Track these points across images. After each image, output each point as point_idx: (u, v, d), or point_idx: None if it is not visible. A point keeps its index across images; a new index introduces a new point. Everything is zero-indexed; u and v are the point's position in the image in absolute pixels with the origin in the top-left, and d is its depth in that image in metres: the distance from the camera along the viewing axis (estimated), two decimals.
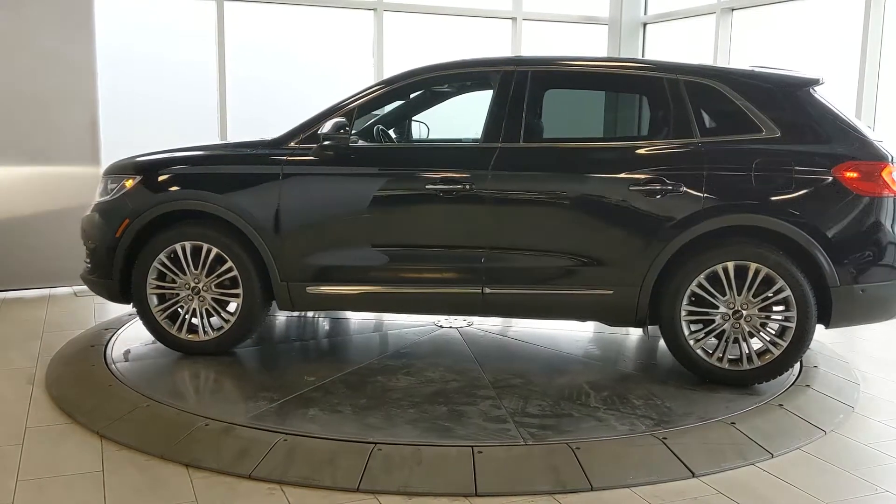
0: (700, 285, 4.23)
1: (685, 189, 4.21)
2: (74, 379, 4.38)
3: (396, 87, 4.72)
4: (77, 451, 3.62)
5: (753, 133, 4.28)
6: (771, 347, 4.21)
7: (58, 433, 3.79)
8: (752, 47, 7.94)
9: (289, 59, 8.39)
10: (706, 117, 4.38)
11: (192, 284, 4.64)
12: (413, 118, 5.35)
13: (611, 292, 4.33)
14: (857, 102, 6.67)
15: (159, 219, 4.62)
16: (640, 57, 4.47)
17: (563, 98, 4.97)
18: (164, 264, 4.63)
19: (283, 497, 3.20)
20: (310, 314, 5.78)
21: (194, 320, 4.68)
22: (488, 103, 4.55)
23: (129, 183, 4.71)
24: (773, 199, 4.17)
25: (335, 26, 8.44)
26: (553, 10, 9.17)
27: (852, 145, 4.22)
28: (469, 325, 5.41)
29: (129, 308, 5.40)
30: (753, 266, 4.16)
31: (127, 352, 4.82)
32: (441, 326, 5.41)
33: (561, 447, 3.51)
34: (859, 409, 4.22)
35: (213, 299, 4.66)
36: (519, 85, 4.50)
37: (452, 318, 5.51)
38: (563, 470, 3.37)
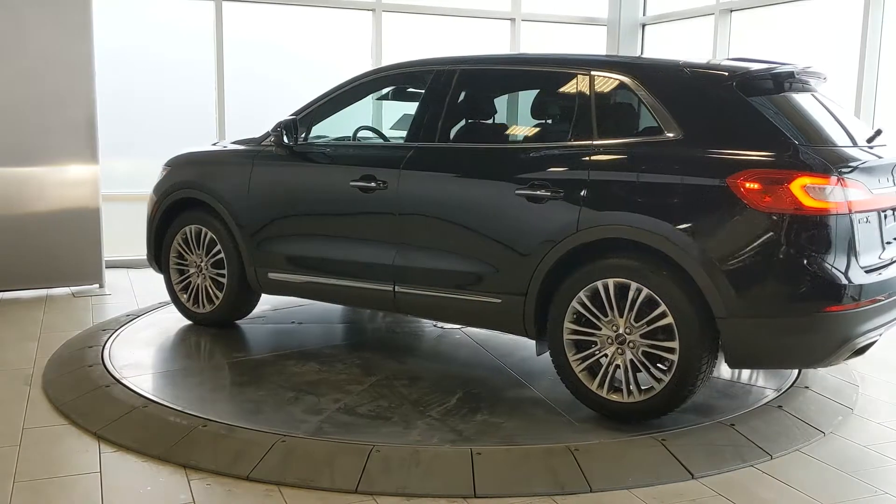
0: (582, 302, 3.81)
1: (566, 195, 3.83)
2: (72, 380, 4.37)
3: (351, 88, 4.88)
4: (74, 452, 3.61)
5: (655, 135, 3.79)
6: (653, 381, 3.69)
7: (55, 434, 3.78)
8: (751, 47, 7.94)
9: (288, 59, 8.39)
10: (609, 117, 4.00)
11: (198, 263, 5.25)
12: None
13: (499, 301, 4.07)
14: (857, 102, 6.67)
15: (181, 204, 5.28)
16: (565, 53, 4.16)
17: (495, 97, 4.84)
18: (179, 244, 5.32)
19: (281, 498, 3.19)
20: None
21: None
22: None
23: (164, 173, 5.50)
24: (656, 210, 3.63)
25: (334, 26, 8.44)
26: (552, 10, 9.17)
27: (767, 151, 3.55)
28: (461, 328, 5.39)
29: (125, 309, 5.85)
30: (634, 285, 3.66)
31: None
32: (435, 326, 5.44)
33: (560, 449, 3.51)
34: (858, 410, 4.21)
35: (211, 278, 5.22)
36: (442, 85, 4.46)
37: None
38: (562, 471, 3.36)
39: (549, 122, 4.45)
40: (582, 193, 3.80)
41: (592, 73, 4.02)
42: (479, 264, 4.14)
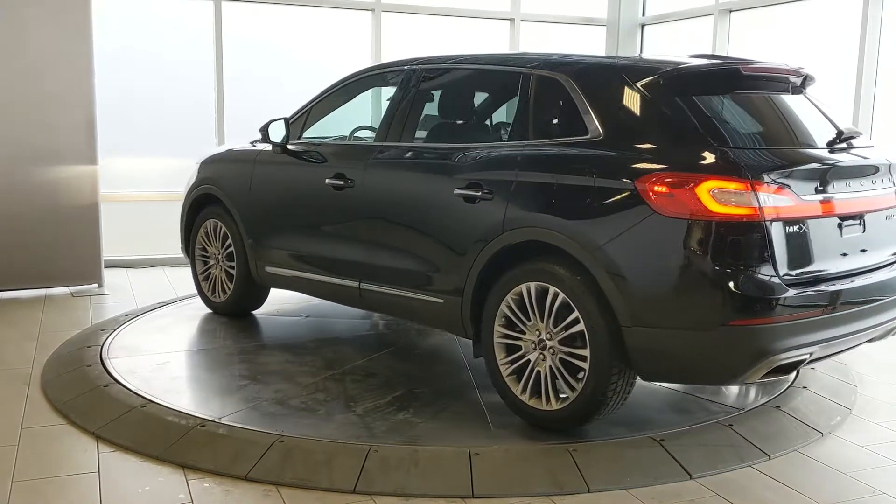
0: (509, 306, 3.74)
1: (496, 196, 3.79)
2: (70, 380, 4.37)
3: (340, 89, 5.01)
4: (73, 452, 3.61)
5: (580, 135, 3.66)
6: (567, 389, 3.60)
7: (53, 434, 3.78)
8: (751, 48, 7.94)
9: (287, 59, 8.39)
10: (544, 117, 3.93)
11: (216, 255, 5.54)
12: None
13: (441, 301, 4.07)
14: (856, 102, 6.67)
15: (206, 199, 5.56)
16: (509, 52, 4.13)
17: (446, 97, 4.78)
18: (202, 236, 5.63)
19: (280, 498, 3.19)
20: None
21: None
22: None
23: (195, 170, 5.79)
24: (568, 212, 3.55)
25: (334, 26, 8.44)
26: (551, 11, 9.17)
27: (681, 152, 3.39)
28: None
29: (124, 308, 5.89)
30: (552, 290, 3.58)
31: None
32: None
33: (558, 449, 3.51)
34: (856, 410, 4.21)
35: (225, 270, 5.50)
36: (404, 85, 4.54)
37: None
38: (560, 471, 3.36)
39: (492, 121, 4.47)
40: (509, 195, 3.76)
41: (532, 72, 3.96)
42: (424, 263, 4.17)
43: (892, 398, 4.44)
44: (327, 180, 4.60)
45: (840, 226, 3.52)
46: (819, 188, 3.45)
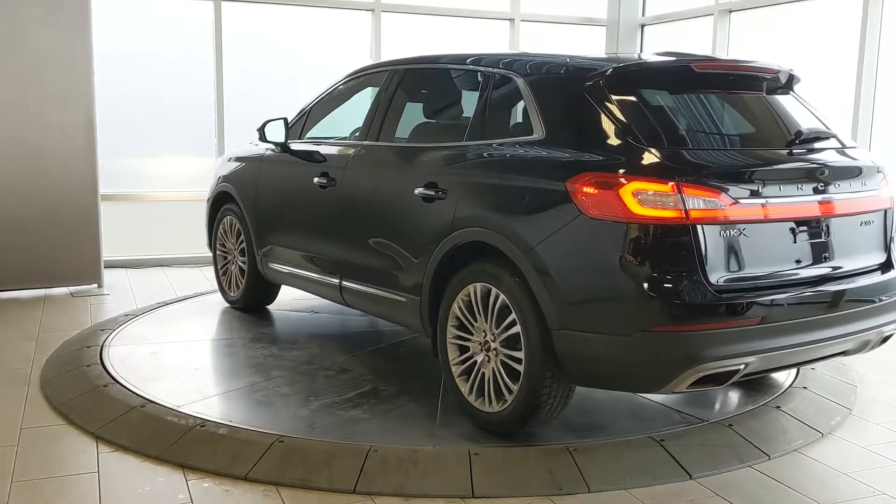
0: (460, 306, 3.74)
1: (448, 196, 3.78)
2: (70, 380, 4.37)
3: (337, 89, 5.12)
4: (72, 452, 3.61)
5: (526, 135, 3.64)
6: (505, 391, 3.56)
7: (53, 434, 3.78)
8: (751, 48, 7.94)
9: (287, 60, 8.39)
10: (498, 116, 3.92)
11: (232, 251, 5.74)
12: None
13: (404, 300, 4.08)
14: (855, 102, 6.67)
15: (226, 196, 5.73)
16: (472, 51, 4.14)
17: (415, 97, 4.80)
18: (221, 233, 5.84)
19: (279, 499, 3.19)
20: None
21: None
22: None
23: (217, 168, 6.02)
24: (508, 213, 3.52)
25: (334, 26, 8.44)
26: (551, 11, 9.17)
27: (609, 153, 3.30)
28: None
29: (124, 309, 5.91)
30: (493, 291, 3.55)
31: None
32: None
33: (558, 449, 3.51)
34: (856, 411, 4.21)
35: (239, 265, 5.68)
36: (383, 85, 4.61)
37: None
38: (560, 472, 3.36)
39: (453, 121, 4.44)
40: (458, 195, 3.76)
41: (491, 71, 3.96)
42: (390, 262, 4.20)
43: (892, 398, 4.44)
44: (315, 179, 4.71)
45: (793, 231, 3.36)
46: (765, 191, 3.28)
